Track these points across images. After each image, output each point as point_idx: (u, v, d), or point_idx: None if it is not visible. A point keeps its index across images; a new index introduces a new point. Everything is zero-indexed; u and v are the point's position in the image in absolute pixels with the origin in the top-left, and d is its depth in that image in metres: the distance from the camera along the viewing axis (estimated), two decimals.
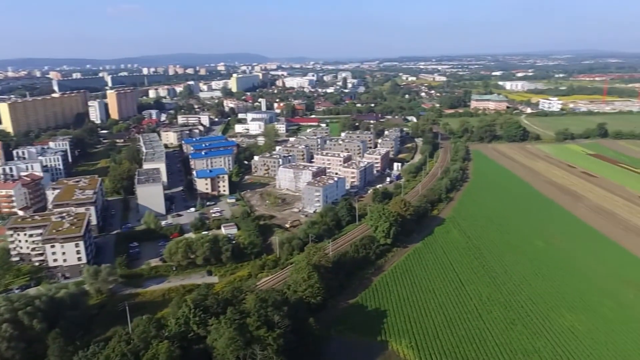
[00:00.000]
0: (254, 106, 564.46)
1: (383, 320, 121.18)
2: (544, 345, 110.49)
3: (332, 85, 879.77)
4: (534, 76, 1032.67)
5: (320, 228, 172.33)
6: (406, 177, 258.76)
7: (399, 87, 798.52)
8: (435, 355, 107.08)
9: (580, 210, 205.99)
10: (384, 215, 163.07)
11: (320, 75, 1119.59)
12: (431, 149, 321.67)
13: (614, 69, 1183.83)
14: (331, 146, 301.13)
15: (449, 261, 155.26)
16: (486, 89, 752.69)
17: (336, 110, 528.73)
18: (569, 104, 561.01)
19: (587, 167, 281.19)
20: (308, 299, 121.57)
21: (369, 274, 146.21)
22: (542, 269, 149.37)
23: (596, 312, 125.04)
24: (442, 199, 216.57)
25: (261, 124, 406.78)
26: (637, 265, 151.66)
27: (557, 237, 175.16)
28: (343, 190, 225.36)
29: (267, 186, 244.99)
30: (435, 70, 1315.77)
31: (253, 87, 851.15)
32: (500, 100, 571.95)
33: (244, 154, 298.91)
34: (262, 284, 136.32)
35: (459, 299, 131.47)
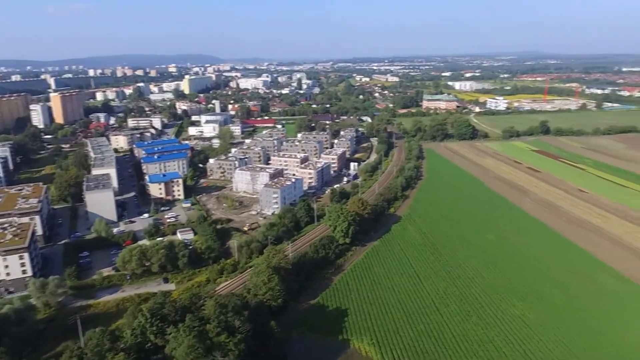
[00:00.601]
0: (207, 108, 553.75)
1: (344, 319, 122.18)
2: (497, 334, 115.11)
3: (287, 86, 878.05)
4: (481, 76, 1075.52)
5: (279, 230, 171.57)
6: (363, 176, 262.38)
7: (353, 88, 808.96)
8: (396, 350, 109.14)
9: (527, 204, 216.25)
10: (342, 214, 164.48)
11: (274, 76, 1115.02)
12: (386, 148, 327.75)
13: (553, 69, 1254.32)
14: (288, 147, 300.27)
15: (406, 258, 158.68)
16: (437, 89, 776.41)
17: (292, 111, 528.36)
18: (514, 103, 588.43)
19: (532, 163, 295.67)
20: (269, 302, 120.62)
21: (329, 274, 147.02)
22: (493, 261, 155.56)
23: (544, 300, 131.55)
24: (398, 197, 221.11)
25: (216, 126, 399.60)
26: (579, 255, 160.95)
27: (507, 231, 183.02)
28: (301, 191, 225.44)
29: (224, 189, 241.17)
30: (387, 71, 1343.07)
31: (206, 88, 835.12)
32: (450, 100, 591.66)
33: (198, 157, 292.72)
34: (221, 289, 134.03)
35: (417, 294, 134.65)
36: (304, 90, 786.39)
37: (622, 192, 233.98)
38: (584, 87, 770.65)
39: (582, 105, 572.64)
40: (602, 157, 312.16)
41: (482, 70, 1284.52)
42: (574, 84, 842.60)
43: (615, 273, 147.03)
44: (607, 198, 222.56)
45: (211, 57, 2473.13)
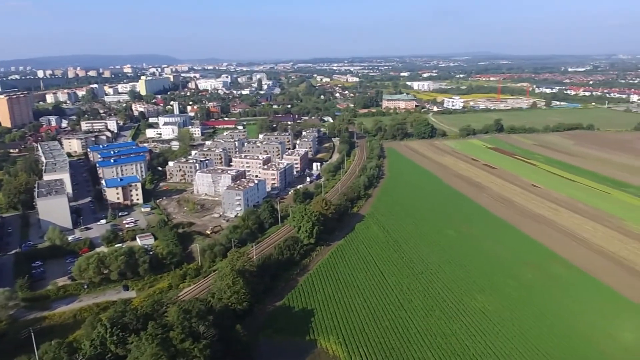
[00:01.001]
0: (165, 110, 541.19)
1: (310, 319, 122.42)
2: (459, 327, 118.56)
3: (247, 86, 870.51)
4: (437, 76, 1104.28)
5: (243, 232, 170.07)
6: (326, 176, 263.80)
7: (314, 88, 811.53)
8: (362, 348, 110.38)
9: (485, 199, 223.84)
10: (306, 215, 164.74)
11: (234, 76, 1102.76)
12: (348, 148, 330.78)
13: (505, 70, 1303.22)
14: (249, 149, 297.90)
15: (370, 256, 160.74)
16: (396, 89, 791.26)
17: (253, 112, 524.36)
18: (470, 102, 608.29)
19: (488, 160, 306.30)
20: (234, 305, 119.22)
21: (295, 275, 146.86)
22: (454, 256, 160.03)
23: (502, 292, 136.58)
24: (361, 196, 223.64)
25: (174, 128, 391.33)
26: (533, 247, 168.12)
27: (466, 226, 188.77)
28: (264, 192, 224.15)
29: (185, 192, 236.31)
30: (347, 71, 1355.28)
31: (164, 89, 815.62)
32: (409, 99, 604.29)
33: (157, 159, 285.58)
34: (184, 294, 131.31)
35: (382, 291, 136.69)
36: (264, 91, 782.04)
37: (571, 186, 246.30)
38: (534, 86, 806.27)
39: (532, 104, 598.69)
40: (552, 153, 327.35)
41: (438, 70, 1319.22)
42: (524, 83, 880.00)
43: (565, 263, 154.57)
44: (558, 192, 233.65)
45: (168, 57, 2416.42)
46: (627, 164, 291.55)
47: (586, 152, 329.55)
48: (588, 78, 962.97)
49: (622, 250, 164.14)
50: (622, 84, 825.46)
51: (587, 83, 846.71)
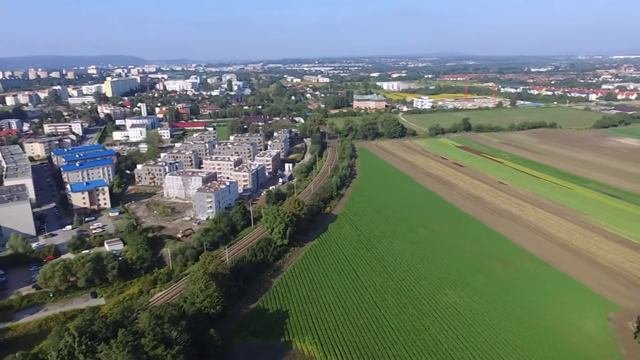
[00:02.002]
0: (133, 112, 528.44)
1: (285, 320, 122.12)
2: (432, 323, 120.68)
3: (217, 87, 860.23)
4: (407, 77, 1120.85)
5: (215, 235, 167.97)
6: (298, 177, 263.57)
7: (285, 89, 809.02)
8: (337, 347, 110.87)
9: (454, 197, 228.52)
10: (279, 216, 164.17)
11: (203, 77, 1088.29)
12: (320, 148, 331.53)
13: (472, 70, 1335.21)
14: (220, 150, 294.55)
15: (344, 255, 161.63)
16: (366, 89, 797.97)
17: (223, 113, 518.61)
18: (438, 102, 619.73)
19: (457, 158, 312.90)
20: (207, 309, 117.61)
21: (268, 277, 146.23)
22: (425, 253, 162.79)
23: (472, 287, 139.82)
24: (334, 196, 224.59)
25: (142, 130, 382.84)
26: (501, 242, 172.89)
27: (437, 223, 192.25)
28: (236, 194, 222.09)
29: (154, 195, 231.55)
30: (318, 72, 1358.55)
31: (131, 91, 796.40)
32: (379, 99, 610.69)
33: (125, 163, 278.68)
34: (155, 300, 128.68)
35: (356, 290, 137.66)
36: (234, 92, 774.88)
37: (536, 182, 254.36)
38: (499, 86, 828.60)
39: (498, 103, 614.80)
40: (518, 150, 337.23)
41: (407, 71, 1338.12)
42: (490, 83, 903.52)
43: (532, 256, 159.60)
44: (523, 188, 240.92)
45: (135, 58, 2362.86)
46: (587, 160, 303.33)
47: (549, 149, 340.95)
48: (550, 78, 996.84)
49: (584, 243, 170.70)
50: (581, 83, 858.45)
51: (549, 83, 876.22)
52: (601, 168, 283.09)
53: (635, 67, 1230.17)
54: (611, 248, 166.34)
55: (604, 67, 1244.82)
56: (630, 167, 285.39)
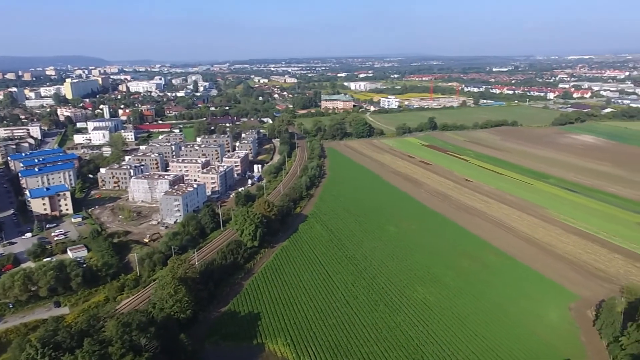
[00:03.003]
0: (95, 114, 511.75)
1: (257, 323, 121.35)
2: (403, 319, 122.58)
3: (182, 88, 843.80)
4: (373, 77, 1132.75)
5: (183, 238, 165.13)
6: (267, 178, 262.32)
7: (252, 90, 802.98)
8: (310, 347, 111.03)
9: (422, 194, 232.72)
10: (249, 218, 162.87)
11: (168, 78, 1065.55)
12: (289, 148, 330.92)
13: (436, 70, 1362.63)
14: (187, 152, 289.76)
15: (315, 255, 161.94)
16: (334, 89, 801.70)
17: (189, 115, 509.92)
18: (405, 102, 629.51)
19: (424, 157, 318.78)
20: (177, 314, 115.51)
21: (239, 279, 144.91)
22: (395, 251, 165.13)
23: (441, 282, 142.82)
24: (304, 196, 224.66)
25: (105, 133, 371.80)
26: (468, 238, 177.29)
27: (406, 221, 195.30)
28: (204, 196, 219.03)
29: (119, 200, 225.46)
30: (285, 72, 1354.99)
31: (92, 92, 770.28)
32: (347, 99, 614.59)
33: (87, 166, 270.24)
34: (123, 307, 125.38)
35: (328, 289, 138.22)
36: (201, 93, 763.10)
37: (499, 179, 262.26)
38: (463, 86, 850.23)
39: (462, 103, 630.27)
40: (482, 148, 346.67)
41: (374, 71, 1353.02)
42: (454, 83, 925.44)
43: (497, 251, 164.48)
44: (488, 185, 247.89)
45: (95, 58, 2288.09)
46: (547, 157, 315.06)
47: (511, 146, 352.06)
48: (510, 78, 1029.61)
49: (545, 236, 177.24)
50: (540, 83, 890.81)
51: (510, 82, 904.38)
52: (560, 164, 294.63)
53: (589, 67, 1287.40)
54: (570, 240, 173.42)
55: (560, 67, 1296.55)
56: (586, 162, 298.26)
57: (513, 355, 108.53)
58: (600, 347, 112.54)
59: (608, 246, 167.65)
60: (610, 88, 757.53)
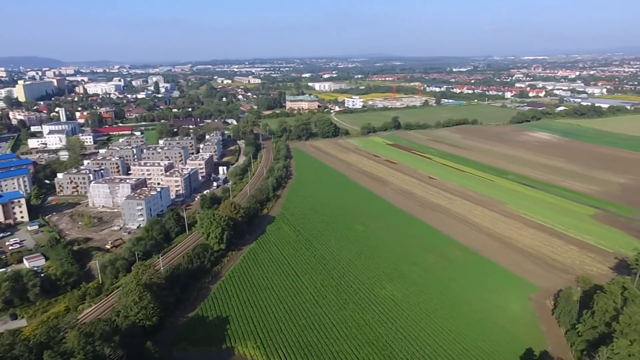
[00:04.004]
0: (50, 117, 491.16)
1: (226, 327, 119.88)
2: (372, 316, 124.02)
3: (143, 90, 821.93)
4: (337, 77, 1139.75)
5: (147, 244, 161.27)
6: (233, 180, 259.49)
7: (216, 91, 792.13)
8: (280, 349, 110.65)
9: (388, 193, 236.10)
10: (215, 220, 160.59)
11: (128, 79, 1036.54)
12: (254, 150, 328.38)
13: (399, 70, 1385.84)
14: (149, 155, 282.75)
15: (283, 256, 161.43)
16: (298, 90, 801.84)
17: (151, 117, 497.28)
18: (369, 102, 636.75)
19: (389, 156, 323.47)
20: (142, 321, 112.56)
21: (206, 283, 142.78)
22: (363, 249, 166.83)
23: (408, 279, 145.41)
24: (270, 197, 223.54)
25: (62, 137, 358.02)
26: (433, 234, 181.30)
27: (373, 219, 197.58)
28: (168, 200, 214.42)
29: (78, 206, 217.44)
30: (249, 73, 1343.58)
31: (47, 95, 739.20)
32: (312, 100, 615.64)
33: (44, 172, 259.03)
34: (85, 316, 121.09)
35: (297, 290, 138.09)
36: (162, 94, 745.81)
37: (462, 176, 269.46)
38: (425, 85, 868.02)
39: (425, 102, 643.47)
40: (444, 146, 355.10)
41: (338, 71, 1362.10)
42: (416, 83, 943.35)
43: (460, 246, 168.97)
44: (451, 182, 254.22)
45: (50, 59, 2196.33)
46: (506, 154, 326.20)
47: (472, 144, 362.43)
48: (470, 77, 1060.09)
49: (506, 230, 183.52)
50: (498, 82, 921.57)
51: (469, 82, 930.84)
52: (518, 160, 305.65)
53: (543, 67, 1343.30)
54: (529, 234, 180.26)
55: (516, 67, 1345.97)
56: (542, 158, 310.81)
57: (477, 347, 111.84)
58: (558, 335, 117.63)
59: (564, 238, 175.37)
60: (563, 87, 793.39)
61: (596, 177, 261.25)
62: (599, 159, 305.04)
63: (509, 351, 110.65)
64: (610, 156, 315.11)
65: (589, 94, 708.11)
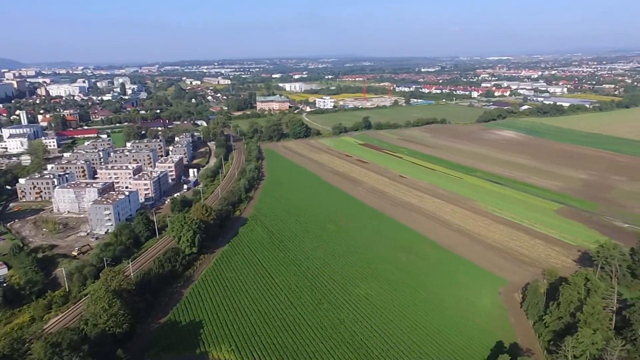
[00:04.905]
0: (11, 120, 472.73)
1: (199, 331, 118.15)
2: (347, 315, 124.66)
3: (108, 92, 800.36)
4: (308, 78, 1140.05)
5: (116, 249, 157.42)
6: (204, 182, 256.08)
7: (184, 92, 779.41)
8: (255, 352, 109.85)
9: (360, 192, 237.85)
10: (186, 223, 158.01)
11: (92, 81, 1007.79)
12: (225, 151, 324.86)
13: (368, 70, 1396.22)
14: (117, 158, 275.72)
15: (256, 258, 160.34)
16: (269, 90, 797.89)
17: (117, 119, 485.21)
18: (340, 102, 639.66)
19: (360, 155, 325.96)
20: (112, 329, 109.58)
21: (178, 287, 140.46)
22: (337, 249, 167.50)
23: (382, 277, 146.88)
24: (243, 199, 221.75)
25: (24, 141, 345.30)
26: (405, 232, 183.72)
27: (346, 219, 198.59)
28: (137, 204, 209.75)
29: (42, 212, 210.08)
30: (218, 73, 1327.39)
31: (6, 97, 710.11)
32: (282, 100, 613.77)
33: (4, 177, 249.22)
34: (51, 326, 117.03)
35: (271, 292, 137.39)
36: (129, 96, 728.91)
37: (432, 174, 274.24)
38: (394, 86, 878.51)
39: (394, 102, 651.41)
40: (414, 146, 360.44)
41: (308, 72, 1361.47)
42: (386, 83, 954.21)
43: (432, 243, 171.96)
44: (421, 181, 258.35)
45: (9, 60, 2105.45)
46: (474, 152, 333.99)
47: (441, 143, 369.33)
48: (438, 77, 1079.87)
49: (475, 227, 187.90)
50: (465, 82, 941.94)
51: (437, 82, 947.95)
52: (485, 158, 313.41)
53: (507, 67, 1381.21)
54: (498, 229, 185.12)
55: (482, 67, 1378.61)
56: (509, 156, 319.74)
57: (450, 341, 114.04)
58: (527, 327, 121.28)
59: (530, 233, 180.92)
60: (526, 87, 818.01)
61: (559, 174, 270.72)
62: (562, 156, 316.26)
63: (480, 344, 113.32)
64: (571, 153, 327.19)
65: (551, 93, 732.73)
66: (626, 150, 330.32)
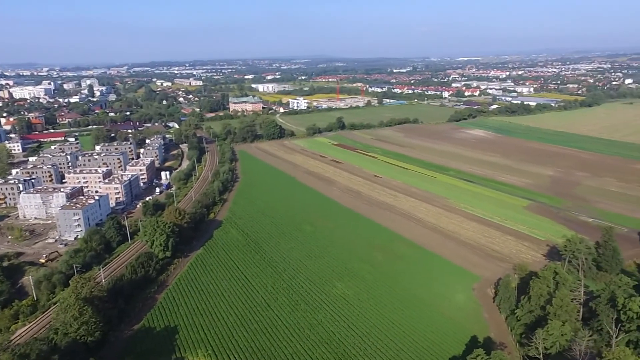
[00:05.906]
0: None
1: (175, 337, 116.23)
2: (324, 316, 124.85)
3: (76, 94, 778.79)
4: (281, 79, 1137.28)
5: (87, 255, 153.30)
6: (177, 185, 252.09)
7: (155, 93, 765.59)
8: (233, 355, 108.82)
9: (335, 192, 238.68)
10: (159, 227, 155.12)
11: (58, 83, 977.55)
12: (198, 153, 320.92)
13: (341, 71, 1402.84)
14: (85, 162, 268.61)
15: (232, 261, 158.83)
16: (242, 91, 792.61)
17: (85, 122, 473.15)
18: (313, 103, 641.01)
19: (334, 156, 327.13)
20: (84, 338, 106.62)
21: (152, 293, 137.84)
22: (313, 249, 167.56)
23: (358, 276, 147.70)
24: (217, 201, 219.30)
25: None
26: (380, 232, 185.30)
27: (321, 219, 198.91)
28: (108, 208, 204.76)
29: (7, 218, 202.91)
30: (190, 74, 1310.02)
31: None
32: (256, 101, 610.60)
33: None
34: (18, 337, 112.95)
35: (247, 295, 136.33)
36: (97, 98, 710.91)
37: (405, 173, 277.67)
38: (367, 86, 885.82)
39: (367, 102, 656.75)
40: (388, 145, 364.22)
41: (281, 72, 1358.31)
42: (359, 83, 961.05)
43: (407, 241, 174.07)
44: (395, 180, 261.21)
45: None
46: (446, 151, 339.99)
47: (414, 142, 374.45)
48: (410, 78, 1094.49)
49: (449, 224, 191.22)
50: (436, 82, 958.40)
51: (409, 82, 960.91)
52: (457, 157, 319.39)
53: (476, 67, 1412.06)
54: (470, 227, 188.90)
55: (452, 68, 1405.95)
56: (479, 154, 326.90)
57: (426, 338, 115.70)
58: (500, 321, 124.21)
59: (501, 229, 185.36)
60: (495, 87, 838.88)
61: (528, 171, 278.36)
62: (530, 154, 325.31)
63: (455, 340, 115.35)
64: (539, 150, 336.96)
65: (519, 93, 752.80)
66: (589, 147, 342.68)
